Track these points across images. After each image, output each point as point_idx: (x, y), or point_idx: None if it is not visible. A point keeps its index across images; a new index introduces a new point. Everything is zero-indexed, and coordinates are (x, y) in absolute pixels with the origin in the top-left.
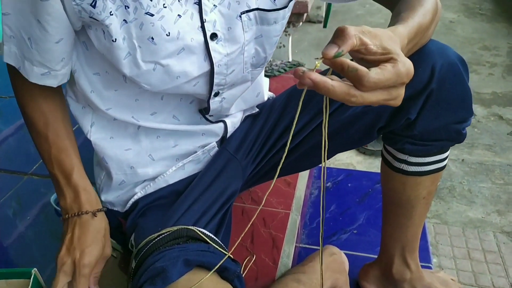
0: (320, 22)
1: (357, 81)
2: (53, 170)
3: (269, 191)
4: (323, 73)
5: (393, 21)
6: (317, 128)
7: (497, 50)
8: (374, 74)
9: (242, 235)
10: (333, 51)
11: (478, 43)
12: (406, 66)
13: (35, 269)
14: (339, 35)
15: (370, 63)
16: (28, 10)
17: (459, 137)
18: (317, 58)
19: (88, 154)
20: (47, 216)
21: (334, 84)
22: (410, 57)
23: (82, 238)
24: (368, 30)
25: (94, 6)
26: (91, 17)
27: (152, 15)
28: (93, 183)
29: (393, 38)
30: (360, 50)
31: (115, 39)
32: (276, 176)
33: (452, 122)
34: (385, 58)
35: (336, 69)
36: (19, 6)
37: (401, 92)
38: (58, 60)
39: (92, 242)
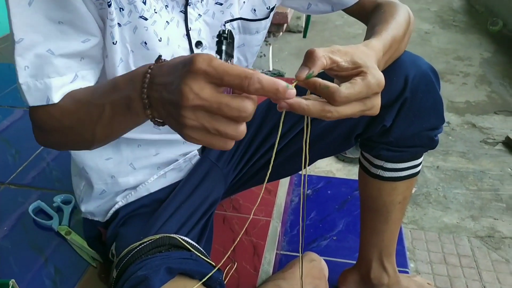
0: (300, 32)
1: (330, 97)
2: (107, 111)
3: (256, 205)
4: (303, 92)
5: (368, 35)
6: (297, 136)
7: (470, 60)
8: (345, 89)
9: (234, 245)
10: (304, 73)
11: (452, 54)
12: (376, 77)
13: (13, 280)
14: (308, 58)
15: (344, 78)
16: (43, 20)
17: (431, 144)
18: (293, 81)
19: (68, 164)
20: (25, 226)
21: (308, 103)
22: (385, 68)
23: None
24: (338, 49)
25: (109, 6)
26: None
27: (146, 19)
28: (72, 193)
29: (366, 52)
30: (333, 68)
31: (116, 41)
32: (265, 183)
33: (425, 129)
34: (356, 72)
35: (310, 89)
36: (31, 22)
37: (376, 102)
38: (80, 57)
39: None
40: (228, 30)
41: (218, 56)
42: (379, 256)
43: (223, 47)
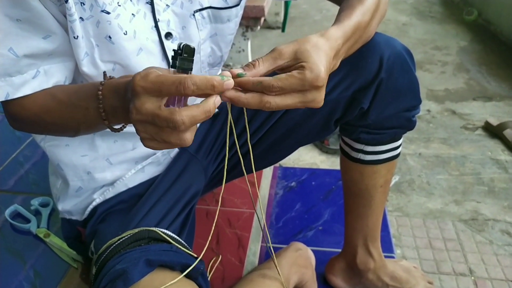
0: (279, 28)
1: (266, 90)
2: (78, 101)
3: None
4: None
5: (335, 21)
6: (274, 125)
7: (447, 49)
8: (278, 81)
9: (209, 238)
10: (237, 72)
11: (430, 44)
12: (314, 72)
13: None
14: (248, 66)
15: (287, 71)
16: (1, 18)
17: (409, 124)
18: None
19: (45, 167)
20: (2, 231)
21: (247, 96)
22: (359, 50)
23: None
24: (280, 52)
25: (66, 2)
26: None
27: (108, 13)
28: (50, 195)
29: (316, 45)
30: (276, 71)
31: (77, 36)
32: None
33: (402, 110)
34: (296, 66)
35: (247, 88)
36: None
37: (316, 96)
38: (46, 55)
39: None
40: (183, 45)
41: (173, 70)
42: (364, 241)
43: (177, 63)
